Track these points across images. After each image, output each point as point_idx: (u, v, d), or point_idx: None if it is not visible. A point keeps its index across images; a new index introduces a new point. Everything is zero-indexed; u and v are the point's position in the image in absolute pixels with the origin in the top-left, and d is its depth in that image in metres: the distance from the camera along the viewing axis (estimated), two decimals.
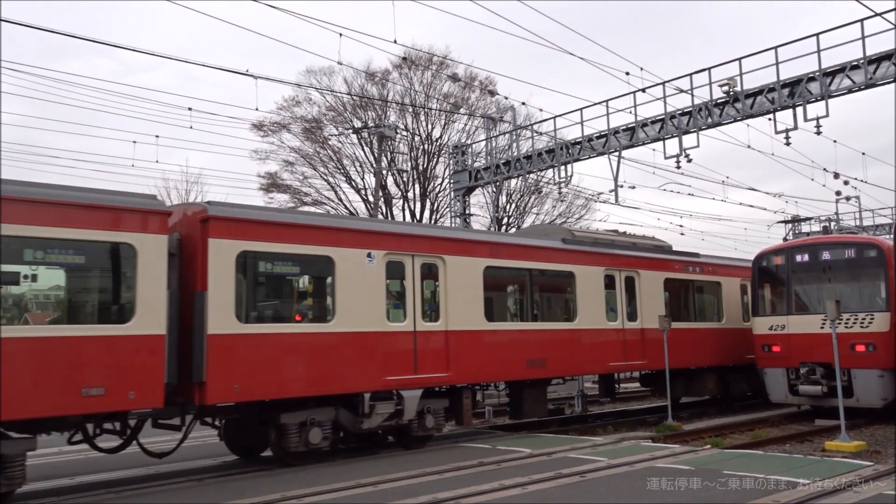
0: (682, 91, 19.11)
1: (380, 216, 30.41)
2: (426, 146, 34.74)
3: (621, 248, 16.42)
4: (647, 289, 16.37)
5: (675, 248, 18.69)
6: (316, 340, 10.62)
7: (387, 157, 31.14)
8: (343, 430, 11.29)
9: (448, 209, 31.85)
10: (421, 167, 34.81)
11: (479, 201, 34.28)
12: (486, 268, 13.23)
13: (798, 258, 16.43)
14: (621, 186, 21.13)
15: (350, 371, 10.89)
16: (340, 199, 35.02)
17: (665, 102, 19.43)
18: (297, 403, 10.46)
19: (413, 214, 34.65)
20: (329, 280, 11.08)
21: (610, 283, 15.63)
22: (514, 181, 31.92)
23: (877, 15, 15.37)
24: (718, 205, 60.01)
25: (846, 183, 28.64)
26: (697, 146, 18.98)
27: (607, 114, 20.70)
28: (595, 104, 21.15)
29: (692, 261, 18.26)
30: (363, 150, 34.13)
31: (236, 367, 9.64)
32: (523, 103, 28.28)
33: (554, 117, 22.70)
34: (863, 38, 16.02)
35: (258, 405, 10.31)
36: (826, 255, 16.06)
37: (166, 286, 9.22)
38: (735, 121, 18.63)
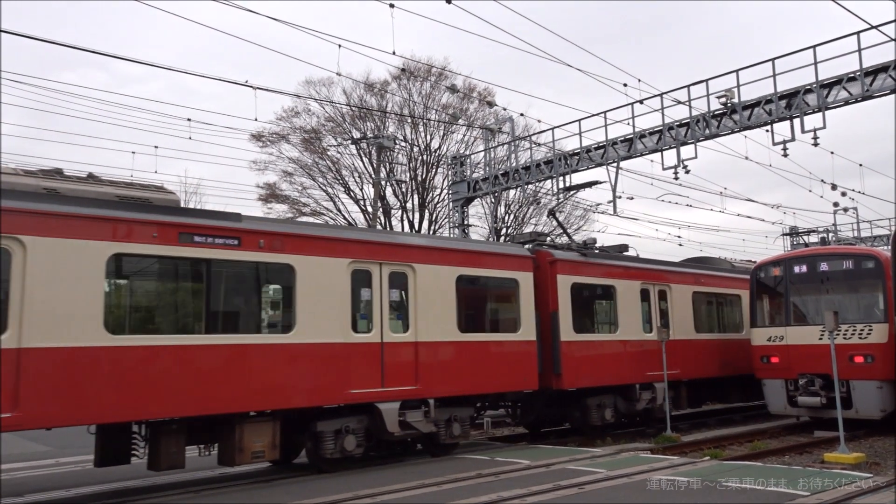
0: (679, 102, 19.23)
1: (378, 227, 30.41)
2: (425, 157, 34.84)
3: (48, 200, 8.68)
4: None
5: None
6: None
7: (385, 168, 31.23)
8: None
9: (447, 220, 31.90)
10: (420, 178, 34.88)
11: (477, 212, 34.41)
12: None
13: (796, 269, 16.43)
14: (619, 197, 21.18)
15: None
16: (339, 210, 35.08)
17: (663, 114, 19.56)
18: None
19: (412, 224, 34.69)
20: None
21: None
22: (512, 192, 32.01)
23: (873, 27, 15.48)
24: (716, 215, 60.20)
25: (844, 194, 28.74)
26: (695, 157, 19.11)
27: (605, 125, 20.83)
28: (593, 115, 21.28)
29: (217, 226, 9.74)
30: (362, 160, 34.24)
31: None
32: (522, 114, 28.48)
33: (552, 128, 22.82)
34: (859, 50, 16.14)
35: None
36: (824, 267, 16.06)
37: None
38: (733, 132, 18.73)
